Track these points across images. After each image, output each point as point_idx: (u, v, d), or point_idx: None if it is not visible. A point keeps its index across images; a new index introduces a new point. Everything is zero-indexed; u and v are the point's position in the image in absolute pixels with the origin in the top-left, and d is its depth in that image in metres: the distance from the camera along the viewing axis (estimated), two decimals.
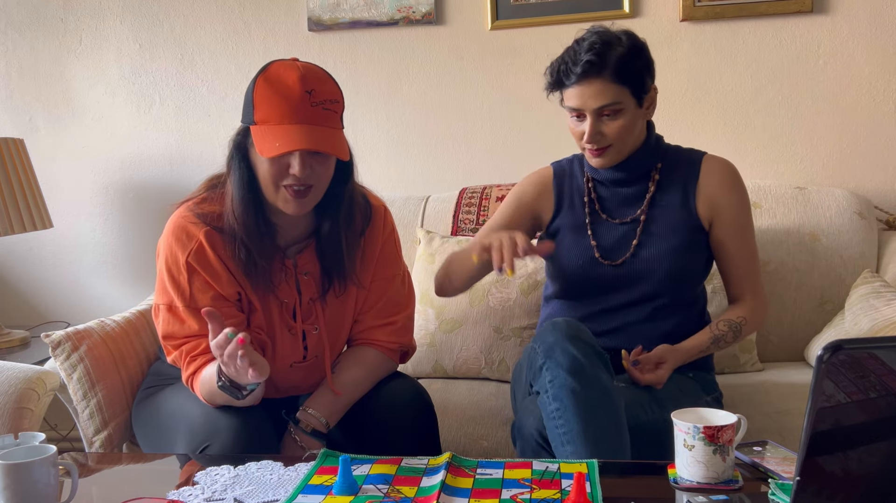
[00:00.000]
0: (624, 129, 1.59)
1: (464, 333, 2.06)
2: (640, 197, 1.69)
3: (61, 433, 2.70)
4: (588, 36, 1.58)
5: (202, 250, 1.47)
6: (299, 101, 1.38)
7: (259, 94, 1.40)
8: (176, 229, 1.50)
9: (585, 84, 1.56)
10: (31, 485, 1.11)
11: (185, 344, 1.48)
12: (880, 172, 2.34)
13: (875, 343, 0.91)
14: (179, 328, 1.48)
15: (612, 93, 1.56)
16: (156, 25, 2.63)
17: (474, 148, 2.52)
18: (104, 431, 1.72)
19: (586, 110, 1.57)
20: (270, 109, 1.39)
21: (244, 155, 1.45)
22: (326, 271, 1.55)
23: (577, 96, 1.58)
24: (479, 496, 1.16)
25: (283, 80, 1.39)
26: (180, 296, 1.47)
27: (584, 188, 1.73)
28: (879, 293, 1.91)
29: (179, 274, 1.48)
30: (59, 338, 1.73)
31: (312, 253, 1.56)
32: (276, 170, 1.41)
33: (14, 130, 2.71)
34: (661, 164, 1.70)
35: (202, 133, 2.65)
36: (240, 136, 1.46)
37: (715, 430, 1.15)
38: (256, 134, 1.40)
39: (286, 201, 1.43)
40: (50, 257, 2.77)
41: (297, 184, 1.41)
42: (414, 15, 2.48)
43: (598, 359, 1.42)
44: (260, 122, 1.40)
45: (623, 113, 1.58)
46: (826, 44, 2.32)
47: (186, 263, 1.47)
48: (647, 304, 1.65)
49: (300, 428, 1.49)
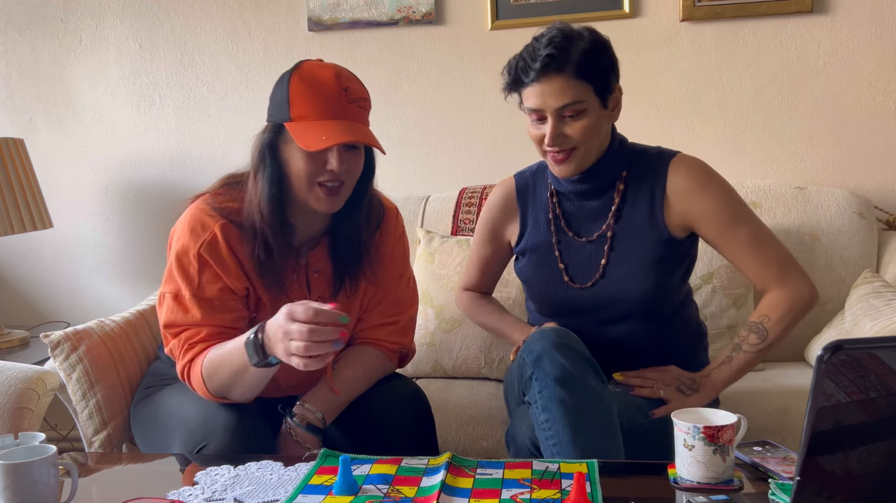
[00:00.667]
0: (588, 129, 1.49)
1: (463, 333, 2.06)
2: (605, 210, 1.61)
3: (61, 433, 2.70)
4: (548, 31, 1.50)
5: (215, 242, 1.47)
6: (337, 97, 1.41)
7: (296, 91, 1.42)
8: (192, 220, 1.50)
9: (545, 81, 1.47)
10: (31, 485, 1.11)
11: (184, 331, 1.48)
12: (880, 172, 2.34)
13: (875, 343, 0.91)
14: (182, 317, 1.48)
15: (575, 90, 1.46)
16: (156, 25, 2.63)
17: (474, 148, 2.52)
18: (103, 431, 1.72)
19: (547, 110, 1.48)
20: (309, 105, 1.41)
21: (274, 153, 1.46)
22: (339, 271, 1.56)
23: (537, 95, 1.48)
24: (479, 496, 1.16)
25: (320, 77, 1.43)
26: (188, 285, 1.47)
27: (549, 203, 1.66)
28: (879, 293, 1.91)
29: (190, 264, 1.47)
30: (59, 339, 1.73)
31: (324, 250, 1.56)
32: (313, 166, 1.43)
33: (14, 130, 2.71)
34: (627, 172, 1.60)
35: (202, 133, 2.65)
36: (270, 133, 1.47)
37: (715, 430, 1.15)
38: (295, 130, 1.40)
39: (319, 199, 1.45)
40: (50, 257, 2.77)
41: (332, 179, 1.43)
42: (414, 15, 2.48)
43: (588, 364, 1.41)
44: (297, 119, 1.41)
45: (586, 113, 1.48)
46: (826, 44, 2.32)
47: (198, 254, 1.47)
48: (625, 322, 1.60)
49: (295, 422, 1.49)
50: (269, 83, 1.49)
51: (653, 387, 1.55)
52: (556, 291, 1.64)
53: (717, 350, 1.97)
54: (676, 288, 1.63)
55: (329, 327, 1.25)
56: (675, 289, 1.63)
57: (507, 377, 1.68)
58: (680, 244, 1.60)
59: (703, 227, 1.57)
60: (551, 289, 1.65)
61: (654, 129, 2.41)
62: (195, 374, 1.46)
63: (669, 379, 1.56)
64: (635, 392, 1.55)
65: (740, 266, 1.59)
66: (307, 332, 1.24)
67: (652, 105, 2.42)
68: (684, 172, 1.57)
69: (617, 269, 1.58)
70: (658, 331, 1.62)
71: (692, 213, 1.56)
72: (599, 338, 1.58)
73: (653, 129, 2.41)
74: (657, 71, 2.40)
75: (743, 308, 2.02)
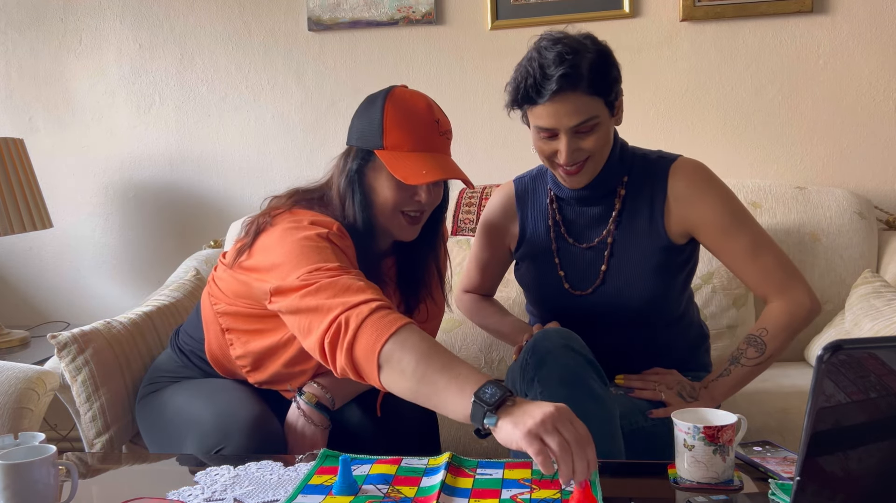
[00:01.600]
0: (601, 140, 1.48)
1: (463, 333, 2.06)
2: (605, 217, 1.59)
3: (61, 433, 2.70)
4: (550, 46, 1.43)
5: (341, 233, 1.41)
6: (430, 129, 1.43)
7: (390, 119, 1.42)
8: (307, 218, 1.40)
9: (559, 101, 1.41)
10: (31, 485, 1.11)
11: (345, 273, 1.27)
12: (880, 172, 2.34)
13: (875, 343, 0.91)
14: (336, 281, 1.26)
15: (589, 107, 1.43)
16: (156, 25, 2.63)
17: (474, 148, 2.52)
18: (105, 434, 1.71)
19: (561, 129, 1.44)
20: (404, 135, 1.41)
21: (362, 179, 1.46)
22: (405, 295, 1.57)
23: (551, 115, 1.43)
24: (479, 496, 1.16)
25: (414, 107, 1.43)
26: (326, 258, 1.31)
27: (548, 209, 1.65)
28: (880, 293, 1.91)
29: (321, 244, 1.33)
30: (66, 340, 1.71)
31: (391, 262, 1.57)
32: (402, 196, 1.44)
33: (14, 130, 2.71)
34: (628, 178, 1.58)
35: (202, 133, 2.65)
36: (358, 159, 1.46)
37: (715, 430, 1.15)
38: (389, 159, 1.40)
39: (401, 227, 1.47)
40: (50, 257, 2.77)
41: (418, 209, 1.46)
42: (414, 15, 2.48)
43: (591, 367, 1.41)
44: (390, 148, 1.42)
45: (599, 126, 1.46)
46: (826, 44, 2.32)
47: (328, 238, 1.35)
48: (626, 329, 1.60)
49: (304, 400, 1.48)
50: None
51: (654, 389, 1.54)
52: (556, 298, 1.63)
53: (719, 350, 1.97)
54: (678, 294, 1.62)
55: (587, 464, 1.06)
56: (677, 295, 1.62)
57: (509, 376, 1.68)
58: (680, 250, 1.58)
59: (701, 233, 1.56)
60: (551, 296, 1.64)
61: (654, 129, 2.41)
62: (393, 321, 1.19)
63: (672, 382, 1.55)
64: (636, 394, 1.55)
65: (739, 275, 1.57)
66: (578, 441, 1.06)
67: (652, 105, 2.42)
68: (684, 178, 1.55)
69: (617, 276, 1.57)
70: (660, 337, 1.61)
71: (691, 219, 1.54)
72: (601, 343, 1.56)
73: (653, 129, 2.41)
74: (657, 71, 2.40)
75: (743, 308, 2.02)
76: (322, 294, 1.25)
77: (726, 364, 1.55)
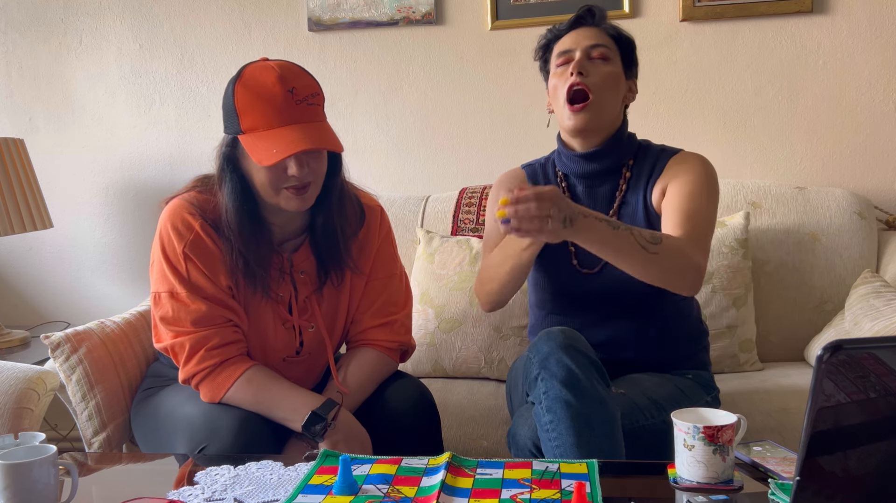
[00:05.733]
0: (608, 77, 1.57)
1: (463, 333, 2.06)
2: (612, 197, 1.65)
3: (61, 433, 2.70)
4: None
5: (199, 240, 1.48)
6: (283, 101, 1.38)
7: (241, 102, 1.40)
8: (173, 218, 1.50)
9: (580, 30, 1.60)
10: (31, 485, 1.11)
11: (193, 334, 1.47)
12: (880, 172, 2.34)
13: (875, 343, 0.91)
14: (186, 312, 1.48)
15: (605, 40, 1.59)
16: (156, 25, 2.63)
17: (474, 148, 2.52)
18: (103, 433, 1.72)
19: (577, 48, 1.58)
20: (257, 116, 1.38)
21: (235, 165, 1.46)
22: (322, 263, 1.56)
23: (571, 38, 1.60)
24: (479, 496, 1.16)
25: (262, 83, 1.39)
26: (181, 282, 1.48)
27: (559, 188, 1.68)
28: (879, 293, 1.91)
29: (178, 262, 1.48)
30: (59, 340, 1.72)
31: (308, 250, 1.57)
32: (273, 175, 1.42)
33: (14, 130, 2.71)
34: (633, 161, 1.66)
35: (202, 133, 2.65)
36: (227, 146, 1.46)
37: (715, 430, 1.15)
38: (248, 143, 1.39)
39: (288, 200, 1.44)
40: (50, 257, 2.77)
41: (297, 182, 1.42)
42: (414, 15, 2.48)
43: (594, 368, 1.41)
44: (248, 131, 1.40)
45: (611, 62, 1.58)
46: (826, 44, 2.32)
47: (183, 253, 1.48)
48: (627, 317, 1.62)
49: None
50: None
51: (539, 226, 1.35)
52: (565, 276, 1.66)
53: (718, 350, 1.97)
54: None
55: None
56: None
57: (511, 374, 1.68)
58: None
59: (669, 189, 1.57)
60: (559, 273, 1.66)
61: (654, 128, 2.40)
62: (223, 381, 1.48)
63: (554, 212, 1.34)
64: (520, 233, 1.36)
65: (663, 219, 1.55)
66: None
67: (652, 105, 2.42)
68: (683, 161, 1.62)
69: None
70: (659, 326, 1.63)
71: (669, 180, 1.59)
72: (602, 333, 1.60)
73: (653, 128, 2.41)
74: (657, 71, 2.40)
75: (743, 308, 2.02)
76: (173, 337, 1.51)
77: (617, 221, 1.45)
